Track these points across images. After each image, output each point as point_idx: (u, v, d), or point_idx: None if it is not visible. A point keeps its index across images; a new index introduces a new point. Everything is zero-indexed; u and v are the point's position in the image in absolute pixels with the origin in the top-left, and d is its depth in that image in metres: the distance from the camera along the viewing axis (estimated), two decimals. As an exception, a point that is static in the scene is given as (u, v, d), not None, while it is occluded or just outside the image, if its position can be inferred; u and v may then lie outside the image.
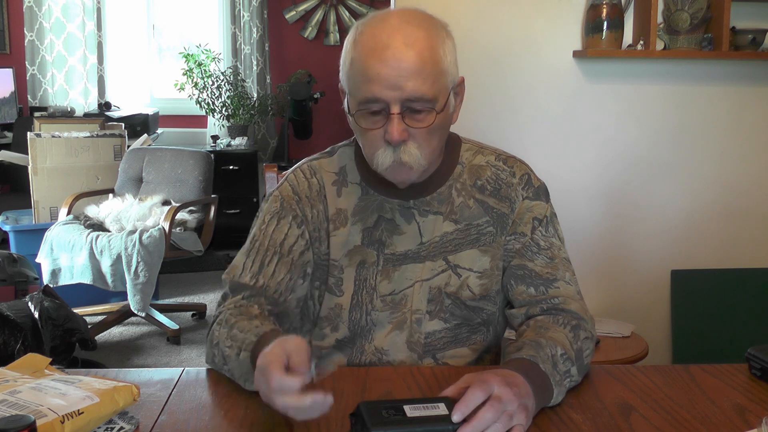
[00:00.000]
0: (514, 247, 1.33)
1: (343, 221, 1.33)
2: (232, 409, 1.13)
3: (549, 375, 1.12)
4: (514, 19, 2.85)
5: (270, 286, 1.29)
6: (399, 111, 1.17)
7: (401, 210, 1.32)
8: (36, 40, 5.26)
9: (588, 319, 1.29)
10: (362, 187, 1.34)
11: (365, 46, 1.18)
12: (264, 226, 1.33)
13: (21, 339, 2.63)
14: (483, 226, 1.33)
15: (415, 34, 1.17)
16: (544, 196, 1.37)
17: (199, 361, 3.45)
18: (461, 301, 1.33)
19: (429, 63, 1.17)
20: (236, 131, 5.33)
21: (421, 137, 1.20)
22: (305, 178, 1.36)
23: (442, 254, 1.33)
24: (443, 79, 1.20)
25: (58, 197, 4.00)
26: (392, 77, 1.15)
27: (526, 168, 1.38)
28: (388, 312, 1.33)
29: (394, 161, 1.21)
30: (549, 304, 1.29)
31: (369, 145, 1.23)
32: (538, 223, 1.34)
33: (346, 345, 1.36)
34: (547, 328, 1.23)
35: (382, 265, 1.32)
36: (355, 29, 1.22)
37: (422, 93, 1.17)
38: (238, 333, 1.17)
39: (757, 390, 1.21)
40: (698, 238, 3.02)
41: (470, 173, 1.35)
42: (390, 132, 1.18)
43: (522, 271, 1.32)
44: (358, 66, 1.18)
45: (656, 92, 2.93)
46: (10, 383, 1.04)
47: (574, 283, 1.33)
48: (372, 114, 1.19)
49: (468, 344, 1.36)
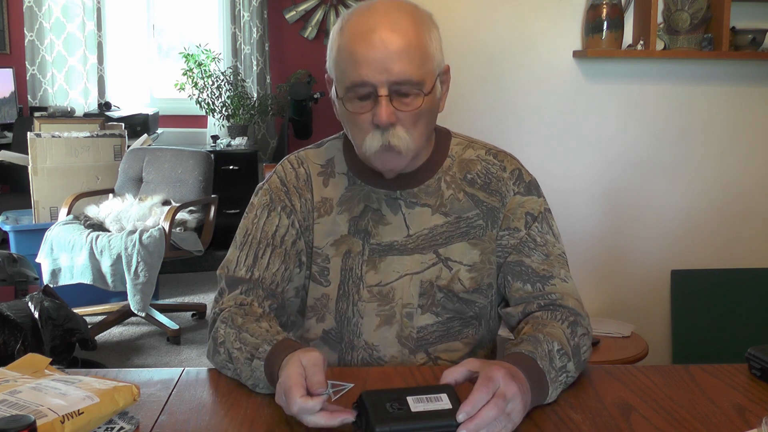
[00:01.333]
0: (509, 242, 1.34)
1: (328, 209, 1.34)
2: (232, 409, 1.13)
3: (545, 372, 1.12)
4: (514, 19, 2.86)
5: (266, 278, 1.30)
6: (387, 93, 1.18)
7: (387, 200, 1.33)
8: (36, 40, 5.26)
9: (584, 316, 1.29)
10: (349, 176, 1.35)
11: (351, 32, 1.20)
12: (255, 219, 1.35)
13: (21, 339, 2.63)
14: (473, 219, 1.34)
15: (402, 19, 1.20)
16: (535, 190, 1.37)
17: (199, 361, 3.45)
18: (454, 294, 1.33)
19: (415, 46, 1.19)
20: (236, 131, 5.32)
21: (409, 121, 1.21)
22: (292, 168, 1.38)
23: (432, 247, 1.33)
24: (429, 63, 1.22)
25: (58, 197, 4.00)
26: (379, 60, 1.17)
27: (517, 163, 1.38)
28: (375, 303, 1.33)
29: (382, 144, 1.21)
30: (546, 300, 1.30)
31: (357, 130, 1.24)
32: (533, 219, 1.34)
33: (333, 339, 1.36)
34: (544, 324, 1.23)
35: (367, 255, 1.33)
36: (341, 19, 1.25)
37: (409, 75, 1.18)
38: (249, 337, 1.18)
39: (757, 390, 1.21)
40: (698, 238, 3.02)
41: (460, 167, 1.36)
42: (378, 114, 1.19)
43: (519, 268, 1.32)
44: (345, 51, 1.20)
45: (656, 92, 2.93)
46: (10, 383, 1.04)
47: (569, 279, 1.33)
48: (360, 99, 1.21)
49: (460, 338, 1.36)
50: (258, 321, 1.22)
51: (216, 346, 1.24)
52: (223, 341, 1.22)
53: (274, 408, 1.11)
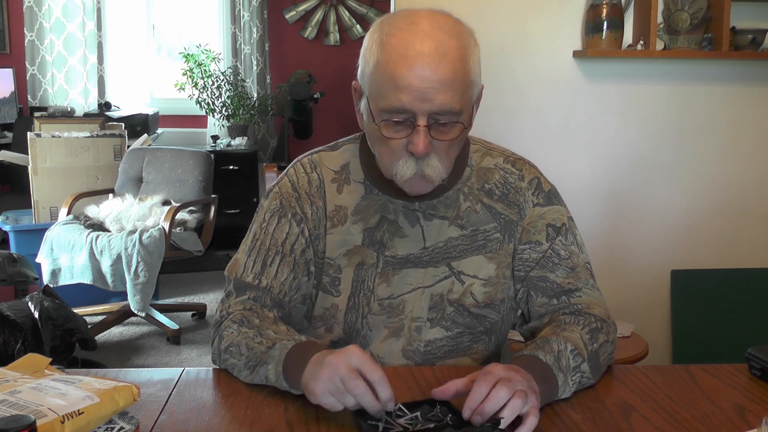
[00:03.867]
0: (531, 256, 1.31)
1: (342, 219, 1.31)
2: (232, 409, 1.13)
3: (550, 365, 1.11)
4: (515, 19, 2.85)
5: (274, 286, 1.28)
6: (426, 123, 1.13)
7: (405, 212, 1.30)
8: (36, 40, 5.26)
9: (611, 324, 1.27)
10: (366, 185, 1.31)
11: (395, 51, 1.12)
12: (265, 224, 1.32)
13: (21, 339, 2.63)
14: (490, 232, 1.31)
15: (448, 43, 1.13)
16: (556, 199, 1.35)
17: (199, 361, 3.45)
18: (464, 308, 1.31)
19: (460, 75, 1.13)
20: (236, 131, 5.33)
21: (443, 150, 1.17)
22: (305, 173, 1.33)
23: (446, 260, 1.30)
24: (470, 91, 1.17)
25: (58, 197, 4.00)
26: (423, 89, 1.11)
27: (535, 171, 1.35)
28: (385, 316, 1.31)
29: (415, 173, 1.17)
30: (572, 309, 1.28)
31: (389, 153, 1.18)
32: (555, 232, 1.31)
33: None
34: (563, 328, 1.22)
35: (381, 267, 1.30)
36: (380, 29, 1.16)
37: (451, 107, 1.13)
38: (272, 333, 1.19)
39: (757, 390, 1.21)
40: (698, 238, 3.02)
41: (478, 176, 1.32)
42: (416, 144, 1.14)
43: (544, 283, 1.30)
44: (386, 72, 1.13)
45: (656, 92, 2.93)
46: (10, 383, 1.04)
47: (596, 289, 1.31)
48: (395, 123, 1.15)
49: (469, 353, 1.34)
50: (276, 323, 1.23)
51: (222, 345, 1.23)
52: (233, 341, 1.21)
53: (274, 408, 1.11)
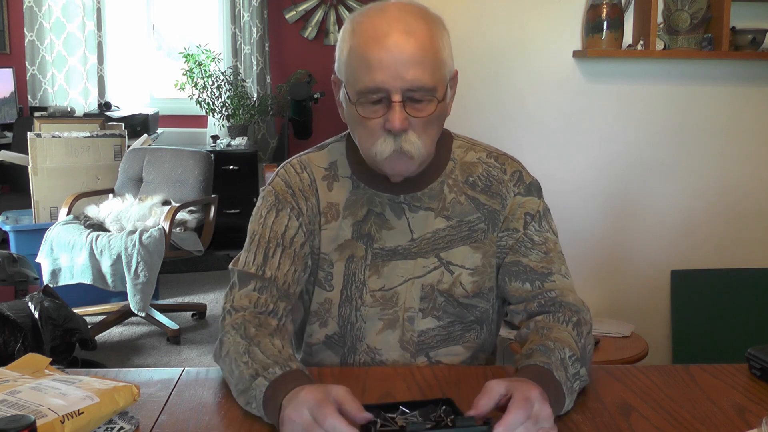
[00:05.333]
0: (507, 243, 1.33)
1: (335, 215, 1.33)
2: (232, 409, 1.13)
3: (562, 383, 1.10)
4: (514, 19, 2.85)
5: (278, 277, 1.27)
6: (400, 99, 1.17)
7: (391, 204, 1.32)
8: (36, 40, 5.26)
9: (586, 310, 1.28)
10: (353, 180, 1.34)
11: (365, 35, 1.18)
12: (262, 219, 1.32)
13: (21, 339, 2.63)
14: (475, 223, 1.33)
15: (416, 23, 1.18)
16: (536, 191, 1.36)
17: (199, 361, 3.45)
18: (454, 299, 1.33)
19: (429, 52, 1.18)
20: (236, 131, 5.32)
21: (420, 127, 1.21)
22: (296, 173, 1.35)
23: (434, 251, 1.32)
24: (442, 69, 1.21)
25: (58, 197, 4.00)
26: (394, 65, 1.15)
27: (518, 165, 1.38)
28: (379, 308, 1.33)
29: (394, 150, 1.20)
30: (546, 298, 1.29)
31: (368, 135, 1.22)
32: (531, 219, 1.34)
33: (336, 343, 1.35)
34: (550, 329, 1.22)
35: (370, 259, 1.32)
36: (352, 20, 1.23)
37: (423, 82, 1.17)
38: (259, 353, 1.12)
39: (757, 390, 1.21)
40: (698, 238, 3.02)
41: (462, 170, 1.35)
42: (392, 120, 1.18)
43: (516, 267, 1.32)
44: (358, 54, 1.18)
45: (656, 92, 2.93)
46: (10, 383, 1.04)
47: (569, 276, 1.33)
48: (372, 103, 1.19)
49: (462, 342, 1.36)
50: (272, 336, 1.17)
51: (223, 357, 1.19)
52: (229, 351, 1.16)
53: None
